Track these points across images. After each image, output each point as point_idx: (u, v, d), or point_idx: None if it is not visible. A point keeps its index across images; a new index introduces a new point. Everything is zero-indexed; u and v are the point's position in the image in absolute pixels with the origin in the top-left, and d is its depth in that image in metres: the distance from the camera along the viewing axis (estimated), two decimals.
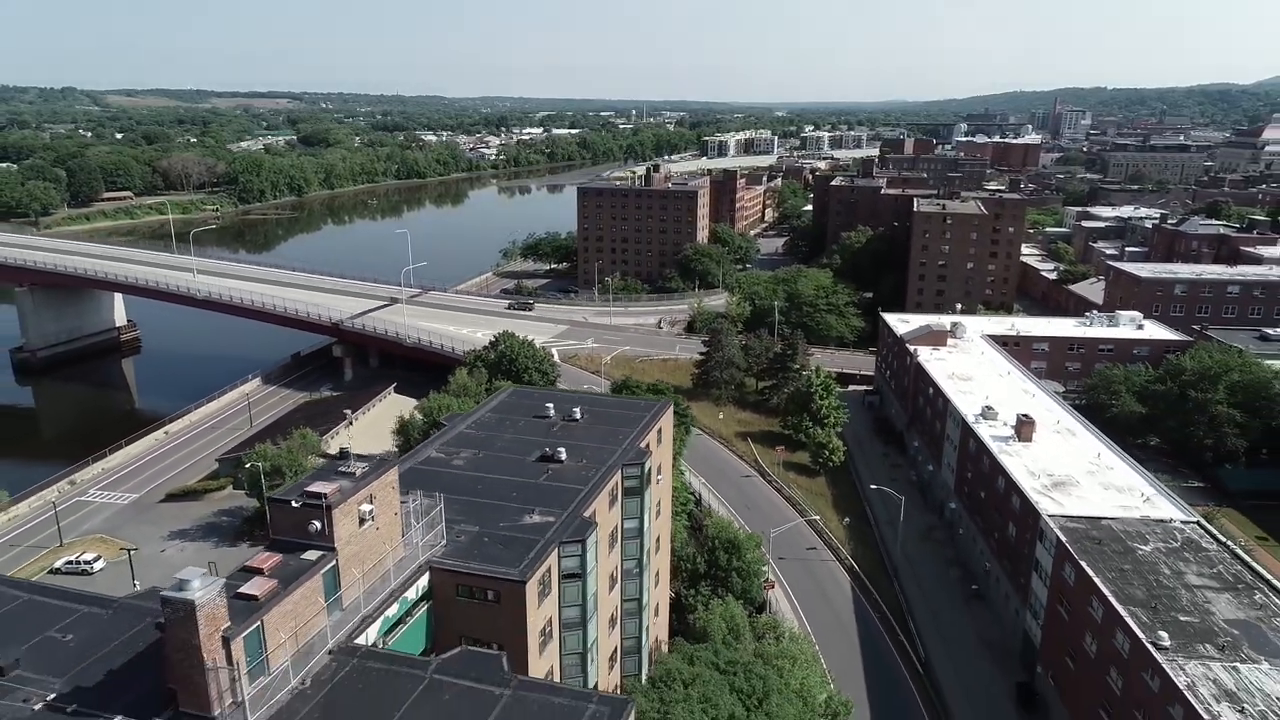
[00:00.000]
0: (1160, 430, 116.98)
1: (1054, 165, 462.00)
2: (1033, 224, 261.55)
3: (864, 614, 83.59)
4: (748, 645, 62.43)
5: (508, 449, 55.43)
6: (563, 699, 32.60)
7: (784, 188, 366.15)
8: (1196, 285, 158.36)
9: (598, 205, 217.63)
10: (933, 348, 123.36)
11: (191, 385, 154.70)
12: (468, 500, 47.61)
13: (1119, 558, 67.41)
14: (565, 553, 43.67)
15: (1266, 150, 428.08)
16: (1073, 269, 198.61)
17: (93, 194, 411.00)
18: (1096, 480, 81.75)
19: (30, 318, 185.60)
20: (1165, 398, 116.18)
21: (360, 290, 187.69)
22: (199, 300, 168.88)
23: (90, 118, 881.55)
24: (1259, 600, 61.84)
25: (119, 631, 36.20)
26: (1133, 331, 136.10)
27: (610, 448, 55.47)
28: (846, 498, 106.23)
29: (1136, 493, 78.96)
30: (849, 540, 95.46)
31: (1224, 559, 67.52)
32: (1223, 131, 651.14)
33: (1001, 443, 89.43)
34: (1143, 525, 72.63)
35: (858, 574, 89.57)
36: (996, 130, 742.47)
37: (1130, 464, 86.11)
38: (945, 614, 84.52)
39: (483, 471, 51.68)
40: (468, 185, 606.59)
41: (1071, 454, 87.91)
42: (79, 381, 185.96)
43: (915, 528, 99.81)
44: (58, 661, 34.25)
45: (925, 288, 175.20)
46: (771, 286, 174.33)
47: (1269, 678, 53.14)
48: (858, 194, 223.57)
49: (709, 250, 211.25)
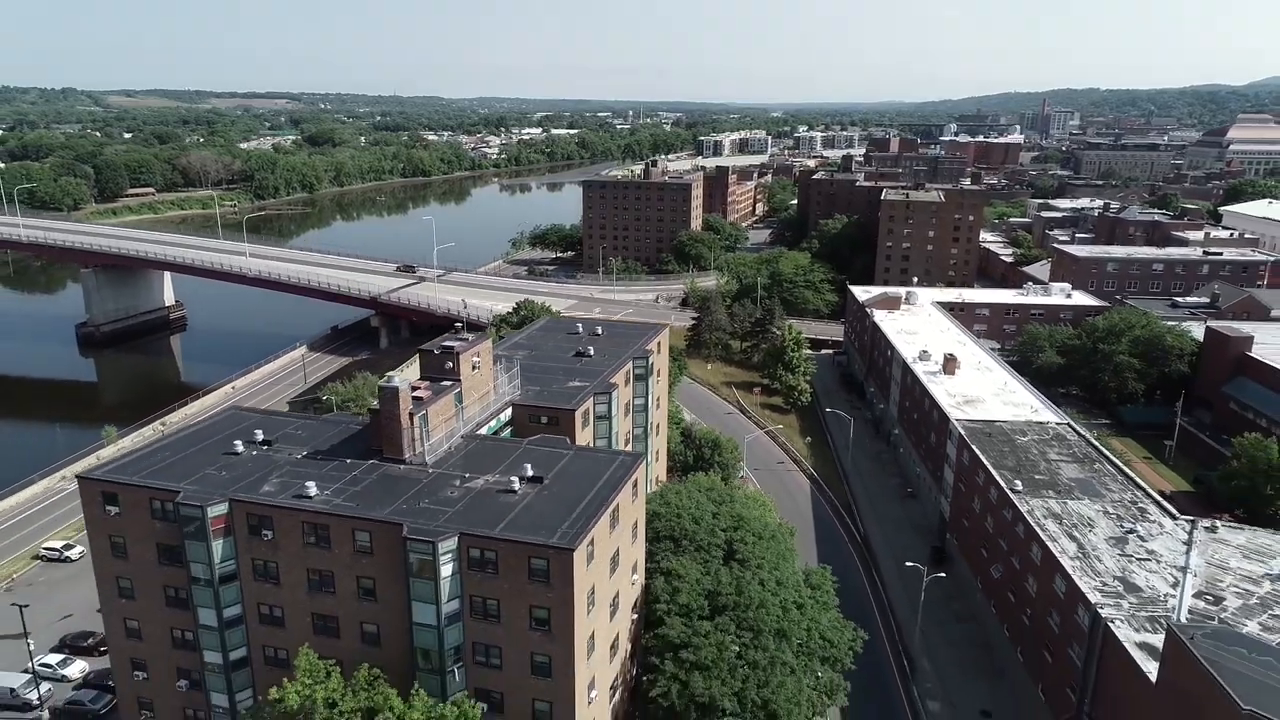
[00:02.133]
0: (1076, 378, 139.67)
1: (1031, 163, 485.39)
2: (999, 215, 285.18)
3: (819, 506, 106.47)
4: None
5: (551, 350, 77.89)
6: (603, 453, 55.23)
7: (774, 184, 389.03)
8: (1125, 263, 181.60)
9: (601, 197, 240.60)
10: (888, 311, 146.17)
11: (234, 357, 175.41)
12: (528, 375, 69.92)
13: (1001, 444, 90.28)
14: (597, 400, 66.12)
15: (1231, 149, 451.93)
16: (1027, 253, 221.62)
17: (118, 190, 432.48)
18: (1000, 400, 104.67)
19: (94, 296, 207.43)
20: (1080, 351, 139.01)
21: (389, 270, 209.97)
22: (250, 278, 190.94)
23: (95, 118, 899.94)
24: (1096, 468, 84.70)
25: (330, 430, 58.74)
26: (1060, 299, 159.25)
27: (624, 350, 77.94)
28: (812, 429, 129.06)
29: (1027, 406, 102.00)
30: (810, 456, 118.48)
31: (1080, 445, 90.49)
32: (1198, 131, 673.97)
33: (930, 375, 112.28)
34: (1025, 425, 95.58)
35: (816, 480, 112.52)
36: (987, 130, 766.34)
37: (1029, 389, 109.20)
38: (884, 508, 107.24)
39: (536, 360, 74.01)
40: (470, 184, 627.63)
41: (985, 383, 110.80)
42: (136, 353, 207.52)
43: (866, 453, 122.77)
44: (300, 440, 56.74)
45: (891, 267, 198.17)
46: (756, 266, 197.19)
47: (1084, 506, 75.98)
48: (836, 186, 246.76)
49: (701, 237, 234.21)
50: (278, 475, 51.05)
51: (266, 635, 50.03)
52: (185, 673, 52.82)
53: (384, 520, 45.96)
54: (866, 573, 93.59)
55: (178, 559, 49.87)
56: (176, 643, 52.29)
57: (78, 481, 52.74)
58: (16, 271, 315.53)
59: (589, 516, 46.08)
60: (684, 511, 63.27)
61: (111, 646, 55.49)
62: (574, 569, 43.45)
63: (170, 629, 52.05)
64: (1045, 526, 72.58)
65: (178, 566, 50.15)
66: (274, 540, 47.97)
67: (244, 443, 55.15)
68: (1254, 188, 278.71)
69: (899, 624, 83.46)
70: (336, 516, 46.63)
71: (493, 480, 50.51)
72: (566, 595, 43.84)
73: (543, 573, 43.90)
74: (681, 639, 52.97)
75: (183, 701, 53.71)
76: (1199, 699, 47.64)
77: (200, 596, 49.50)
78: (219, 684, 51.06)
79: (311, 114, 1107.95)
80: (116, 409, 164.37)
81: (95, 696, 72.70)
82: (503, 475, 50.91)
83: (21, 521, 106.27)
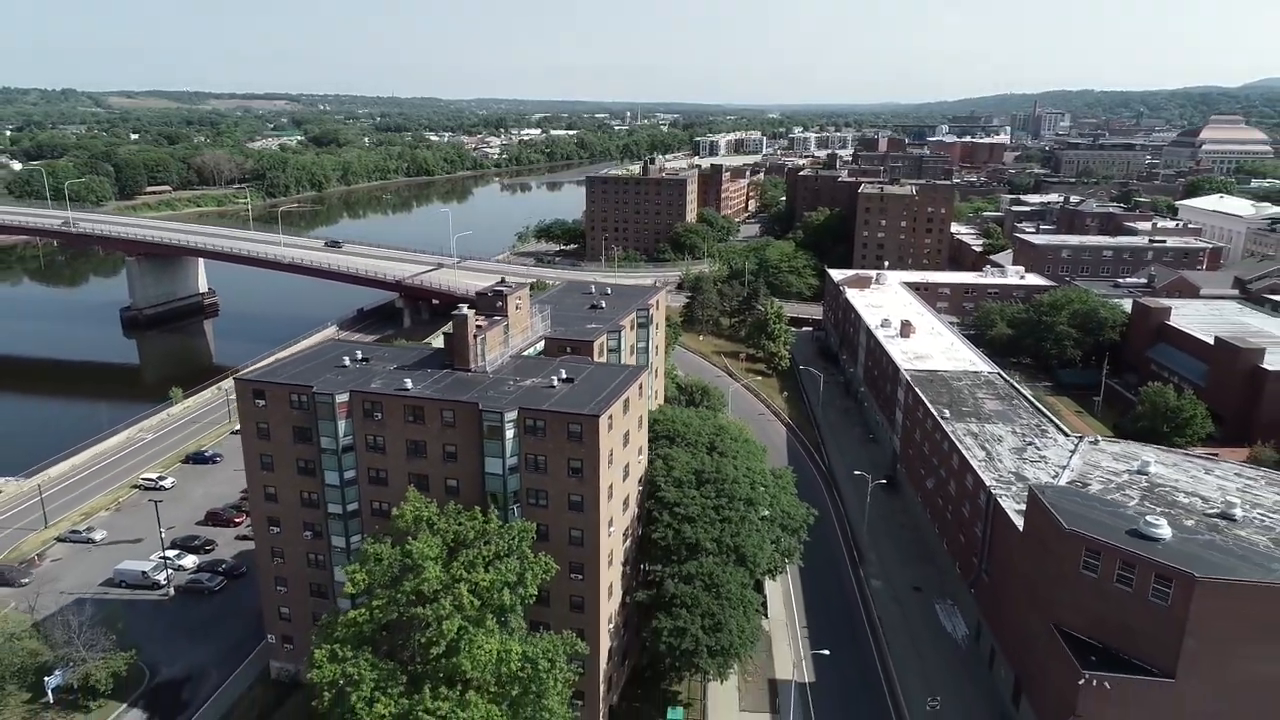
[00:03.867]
0: (1023, 347, 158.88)
1: (1014, 162, 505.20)
2: (975, 210, 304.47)
3: (793, 446, 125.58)
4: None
5: (571, 305, 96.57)
6: (616, 366, 74.28)
7: (766, 181, 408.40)
8: (1078, 249, 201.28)
9: (603, 192, 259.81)
10: (859, 289, 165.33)
11: (263, 338, 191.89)
12: (555, 320, 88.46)
13: (940, 387, 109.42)
14: (609, 337, 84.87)
15: (1203, 149, 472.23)
16: (995, 242, 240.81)
17: (137, 188, 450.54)
18: (945, 356, 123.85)
19: (137, 282, 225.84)
20: (1027, 323, 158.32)
21: (410, 258, 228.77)
22: (286, 264, 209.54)
23: (98, 118, 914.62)
24: (1014, 403, 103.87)
25: (409, 354, 77.60)
26: (1014, 280, 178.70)
27: (629, 305, 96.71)
28: (789, 388, 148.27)
29: (966, 360, 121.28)
30: (787, 408, 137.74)
31: (1004, 387, 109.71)
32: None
33: (889, 338, 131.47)
34: (962, 374, 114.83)
35: (791, 427, 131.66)
36: (979, 131, 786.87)
37: (972, 349, 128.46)
38: (848, 451, 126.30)
39: (560, 311, 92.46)
40: (472, 183, 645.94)
41: (935, 344, 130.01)
42: (175, 334, 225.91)
43: (837, 409, 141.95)
44: (389, 359, 75.49)
45: (867, 254, 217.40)
46: (745, 254, 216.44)
47: (997, 428, 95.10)
48: (820, 182, 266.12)
49: (696, 228, 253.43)
50: (379, 378, 69.71)
51: (374, 492, 68.56)
52: (309, 525, 71.39)
53: (464, 401, 64.73)
54: (829, 494, 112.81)
55: (308, 437, 68.42)
56: (304, 502, 70.83)
57: (235, 383, 71.64)
58: (46, 265, 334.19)
59: (608, 400, 64.83)
60: (677, 419, 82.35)
61: (253, 508, 74.14)
62: (599, 432, 62.17)
63: (300, 491, 70.57)
64: (964, 442, 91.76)
65: (307, 444, 68.68)
66: (382, 420, 66.59)
67: (349, 359, 73.92)
68: (1210, 184, 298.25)
69: (853, 529, 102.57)
70: (429, 400, 65.34)
71: (537, 381, 69.26)
72: (593, 451, 62.56)
73: (577, 435, 62.61)
74: (675, 500, 71.81)
75: (306, 548, 72.26)
76: (1041, 530, 66.98)
77: (327, 463, 68.05)
78: (338, 529, 69.66)
79: (312, 115, 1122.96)
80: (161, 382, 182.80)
81: (210, 577, 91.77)
82: (543, 378, 69.64)
83: (116, 461, 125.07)
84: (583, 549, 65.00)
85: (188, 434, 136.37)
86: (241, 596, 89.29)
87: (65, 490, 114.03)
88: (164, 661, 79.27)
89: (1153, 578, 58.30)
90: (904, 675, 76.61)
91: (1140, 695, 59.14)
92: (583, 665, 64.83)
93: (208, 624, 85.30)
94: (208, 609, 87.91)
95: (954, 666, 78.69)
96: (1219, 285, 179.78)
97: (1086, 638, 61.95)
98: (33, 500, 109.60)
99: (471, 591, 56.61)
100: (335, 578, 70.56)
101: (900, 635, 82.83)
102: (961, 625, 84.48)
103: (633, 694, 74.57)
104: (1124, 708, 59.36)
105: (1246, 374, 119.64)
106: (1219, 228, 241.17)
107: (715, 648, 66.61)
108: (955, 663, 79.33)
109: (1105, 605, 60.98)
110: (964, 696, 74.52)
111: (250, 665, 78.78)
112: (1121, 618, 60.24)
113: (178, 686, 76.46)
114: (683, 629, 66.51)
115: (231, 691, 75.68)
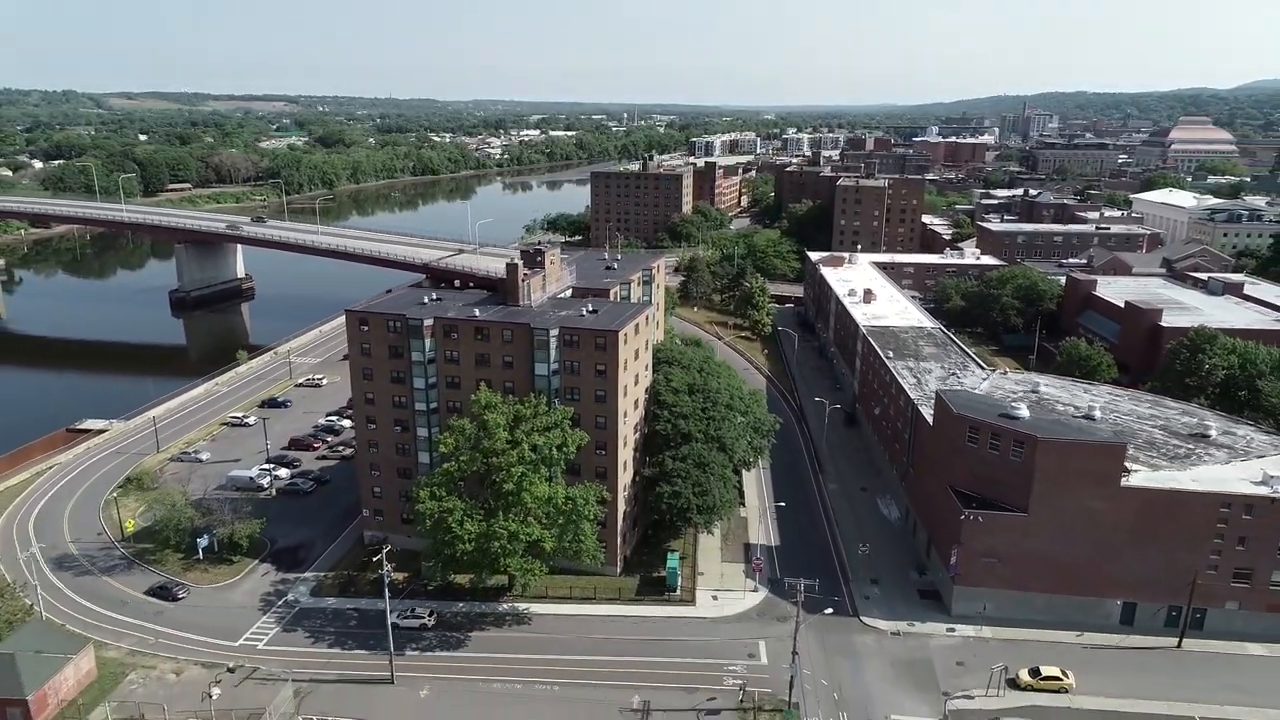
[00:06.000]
0: (974, 316, 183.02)
1: (994, 161, 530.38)
2: (949, 204, 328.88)
3: (771, 392, 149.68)
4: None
5: (589, 267, 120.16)
6: (628, 303, 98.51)
7: (758, 179, 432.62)
8: (1032, 236, 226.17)
9: (607, 186, 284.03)
10: (833, 267, 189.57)
11: (295, 317, 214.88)
12: (579, 275, 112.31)
13: (890, 338, 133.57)
14: (621, 288, 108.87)
15: (1172, 148, 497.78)
16: (963, 231, 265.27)
17: (160, 185, 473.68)
18: (899, 317, 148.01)
19: (185, 267, 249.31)
20: (978, 296, 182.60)
21: (432, 244, 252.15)
22: (322, 250, 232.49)
23: (102, 119, 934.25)
24: (948, 349, 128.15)
25: (472, 296, 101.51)
26: (970, 260, 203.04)
27: (635, 267, 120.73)
28: (771, 350, 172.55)
29: (915, 320, 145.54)
30: (767, 364, 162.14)
31: (942, 338, 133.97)
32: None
33: (853, 304, 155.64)
34: (909, 329, 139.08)
35: (770, 378, 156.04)
36: (970, 132, 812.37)
37: (923, 313, 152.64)
38: (817, 393, 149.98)
39: (581, 271, 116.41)
40: (475, 182, 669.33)
41: (891, 309, 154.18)
42: (217, 315, 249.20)
43: (811, 367, 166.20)
44: (458, 298, 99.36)
45: (844, 241, 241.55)
46: (735, 240, 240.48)
47: (930, 365, 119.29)
48: (805, 177, 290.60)
49: (691, 219, 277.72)
50: (453, 310, 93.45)
51: (449, 394, 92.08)
52: (399, 421, 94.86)
53: (520, 323, 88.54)
54: (799, 427, 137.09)
55: (399, 354, 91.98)
56: (394, 404, 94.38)
57: (345, 314, 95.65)
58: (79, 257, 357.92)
59: (624, 322, 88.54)
60: (675, 349, 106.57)
61: (355, 410, 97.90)
62: (618, 344, 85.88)
63: (392, 396, 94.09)
64: (902, 374, 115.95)
65: (399, 359, 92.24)
66: (457, 338, 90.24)
67: (427, 299, 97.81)
68: (1165, 180, 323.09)
69: (817, 451, 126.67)
70: (494, 322, 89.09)
71: (570, 312, 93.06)
72: (614, 358, 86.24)
73: (602, 345, 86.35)
74: (673, 403, 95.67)
75: (395, 439, 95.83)
76: (942, 420, 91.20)
77: (415, 372, 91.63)
78: (421, 423, 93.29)
79: (313, 116, 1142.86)
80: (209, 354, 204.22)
81: (303, 482, 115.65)
82: (575, 310, 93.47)
83: (201, 407, 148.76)
84: (605, 431, 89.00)
85: (255, 388, 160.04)
86: (328, 497, 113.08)
87: (165, 428, 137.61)
88: (280, 536, 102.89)
89: (1012, 442, 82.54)
90: (848, 543, 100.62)
91: (1003, 526, 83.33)
92: (605, 515, 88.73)
93: (306, 514, 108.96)
94: (303, 505, 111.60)
95: (888, 537, 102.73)
96: (1151, 265, 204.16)
97: (969, 492, 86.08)
98: (142, 434, 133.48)
99: (531, 449, 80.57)
100: (419, 461, 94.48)
101: (848, 518, 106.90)
102: (895, 511, 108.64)
103: (641, 550, 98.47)
104: (992, 536, 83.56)
105: (1148, 330, 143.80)
106: (1165, 218, 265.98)
107: (703, 506, 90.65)
108: (889, 535, 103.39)
109: (982, 466, 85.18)
110: (894, 554, 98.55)
111: (348, 535, 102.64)
112: (992, 474, 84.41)
113: (293, 550, 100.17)
114: (679, 493, 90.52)
115: (336, 552, 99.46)
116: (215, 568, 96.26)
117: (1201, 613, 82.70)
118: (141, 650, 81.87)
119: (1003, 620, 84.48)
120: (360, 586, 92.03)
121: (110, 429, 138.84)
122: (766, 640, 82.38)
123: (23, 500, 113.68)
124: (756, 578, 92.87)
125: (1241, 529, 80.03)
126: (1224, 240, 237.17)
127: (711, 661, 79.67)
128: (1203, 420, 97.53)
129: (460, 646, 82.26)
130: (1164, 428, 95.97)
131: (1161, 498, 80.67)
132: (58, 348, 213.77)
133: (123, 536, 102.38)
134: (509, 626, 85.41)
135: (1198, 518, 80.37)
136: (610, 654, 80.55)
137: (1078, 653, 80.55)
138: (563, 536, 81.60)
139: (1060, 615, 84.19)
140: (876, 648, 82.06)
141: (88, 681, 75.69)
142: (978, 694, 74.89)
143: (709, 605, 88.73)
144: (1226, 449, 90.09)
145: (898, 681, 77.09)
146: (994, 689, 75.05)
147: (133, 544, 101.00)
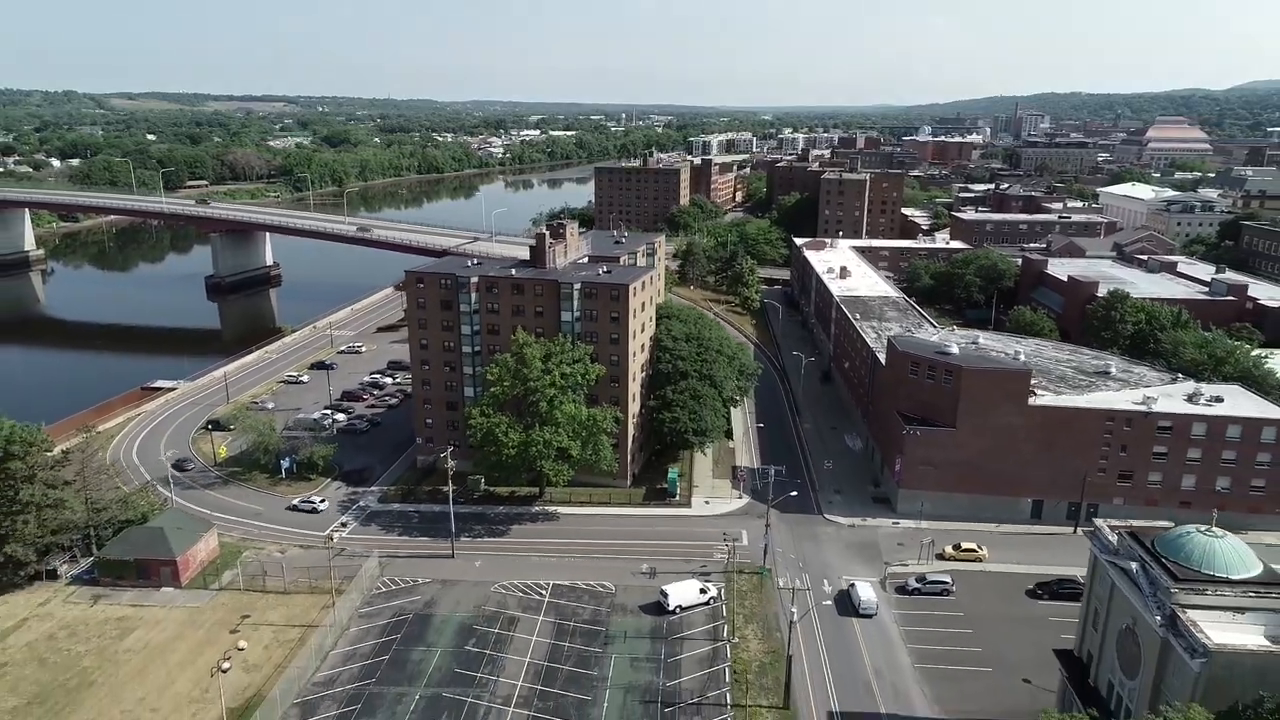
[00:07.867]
0: (941, 294, 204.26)
1: (979, 159, 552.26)
2: (930, 198, 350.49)
3: (758, 356, 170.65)
4: None
5: (601, 241, 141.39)
6: (636, 267, 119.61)
7: (751, 176, 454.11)
8: (1000, 224, 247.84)
9: (610, 180, 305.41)
10: (816, 250, 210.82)
11: (319, 301, 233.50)
12: (592, 248, 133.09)
13: (860, 305, 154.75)
14: (628, 257, 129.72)
15: (1149, 146, 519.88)
16: (940, 221, 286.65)
17: (179, 181, 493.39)
18: (870, 290, 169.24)
19: (220, 254, 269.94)
20: (945, 276, 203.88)
21: (450, 233, 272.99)
22: (349, 238, 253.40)
23: (106, 119, 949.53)
24: (908, 314, 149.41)
25: (508, 262, 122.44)
26: (940, 245, 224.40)
27: (640, 241, 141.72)
28: (759, 322, 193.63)
29: (883, 291, 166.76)
30: (755, 333, 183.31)
31: (905, 305, 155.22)
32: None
33: (831, 279, 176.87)
34: (877, 298, 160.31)
35: (758, 345, 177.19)
36: (963, 131, 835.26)
37: (891, 287, 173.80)
38: (797, 358, 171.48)
39: (594, 243, 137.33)
40: (478, 180, 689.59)
41: (864, 283, 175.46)
42: (248, 299, 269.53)
43: (794, 337, 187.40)
44: (496, 263, 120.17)
45: (829, 229, 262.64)
46: (729, 229, 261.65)
47: (891, 325, 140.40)
48: (794, 171, 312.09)
49: (688, 210, 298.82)
50: (493, 270, 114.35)
51: (490, 340, 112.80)
52: (448, 363, 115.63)
53: (549, 279, 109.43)
54: (782, 383, 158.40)
55: (449, 306, 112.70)
56: (444, 350, 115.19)
57: (405, 274, 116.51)
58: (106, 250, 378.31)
59: (634, 279, 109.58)
60: (674, 306, 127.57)
61: (412, 352, 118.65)
62: (630, 295, 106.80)
63: (442, 342, 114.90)
64: (866, 331, 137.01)
65: (449, 310, 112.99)
66: (497, 293, 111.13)
67: (470, 263, 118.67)
68: (1130, 175, 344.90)
69: (796, 401, 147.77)
70: (527, 279, 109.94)
71: (588, 272, 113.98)
72: (625, 307, 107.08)
73: (616, 296, 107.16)
74: (672, 347, 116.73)
75: (445, 378, 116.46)
76: (892, 359, 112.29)
77: (463, 320, 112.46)
78: (467, 364, 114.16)
79: (314, 116, 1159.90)
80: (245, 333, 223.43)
81: (360, 422, 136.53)
82: (592, 271, 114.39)
83: (256, 370, 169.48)
84: (618, 367, 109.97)
85: (300, 355, 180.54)
86: (380, 435, 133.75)
87: (230, 385, 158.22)
88: (345, 462, 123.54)
89: (944, 372, 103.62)
90: (817, 464, 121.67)
91: (936, 439, 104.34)
92: (618, 434, 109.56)
93: (364, 447, 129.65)
94: (361, 441, 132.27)
95: (851, 462, 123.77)
96: (1105, 249, 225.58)
97: (911, 415, 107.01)
98: (212, 389, 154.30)
99: (562, 376, 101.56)
100: (464, 395, 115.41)
101: (818, 448, 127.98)
102: (859, 442, 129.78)
103: (648, 471, 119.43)
104: (928, 447, 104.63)
105: (1085, 300, 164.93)
106: (1126, 209, 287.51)
107: (697, 429, 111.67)
108: (852, 461, 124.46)
109: (921, 393, 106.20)
110: (855, 474, 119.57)
111: (402, 462, 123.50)
112: (928, 399, 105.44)
113: (359, 472, 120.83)
114: (677, 419, 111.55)
115: (394, 473, 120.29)
116: (296, 484, 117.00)
117: (1094, 507, 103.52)
118: (249, 538, 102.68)
119: (937, 516, 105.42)
120: (419, 495, 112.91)
121: (178, 388, 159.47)
122: (747, 530, 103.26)
123: (121, 439, 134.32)
124: (740, 488, 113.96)
125: (1123, 439, 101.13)
126: (1178, 229, 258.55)
127: (704, 544, 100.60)
128: (1107, 362, 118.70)
129: (504, 535, 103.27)
130: (1076, 368, 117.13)
131: (1061, 414, 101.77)
132: (111, 331, 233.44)
133: (215, 461, 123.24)
134: (542, 522, 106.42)
135: (1089, 429, 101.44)
136: (624, 539, 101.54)
137: (996, 537, 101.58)
138: (585, 447, 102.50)
139: (983, 511, 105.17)
140: (835, 535, 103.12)
141: (214, 555, 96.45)
142: (911, 563, 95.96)
143: (702, 508, 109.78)
144: (1122, 382, 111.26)
145: (851, 556, 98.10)
146: (924, 559, 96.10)
147: (224, 468, 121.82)
